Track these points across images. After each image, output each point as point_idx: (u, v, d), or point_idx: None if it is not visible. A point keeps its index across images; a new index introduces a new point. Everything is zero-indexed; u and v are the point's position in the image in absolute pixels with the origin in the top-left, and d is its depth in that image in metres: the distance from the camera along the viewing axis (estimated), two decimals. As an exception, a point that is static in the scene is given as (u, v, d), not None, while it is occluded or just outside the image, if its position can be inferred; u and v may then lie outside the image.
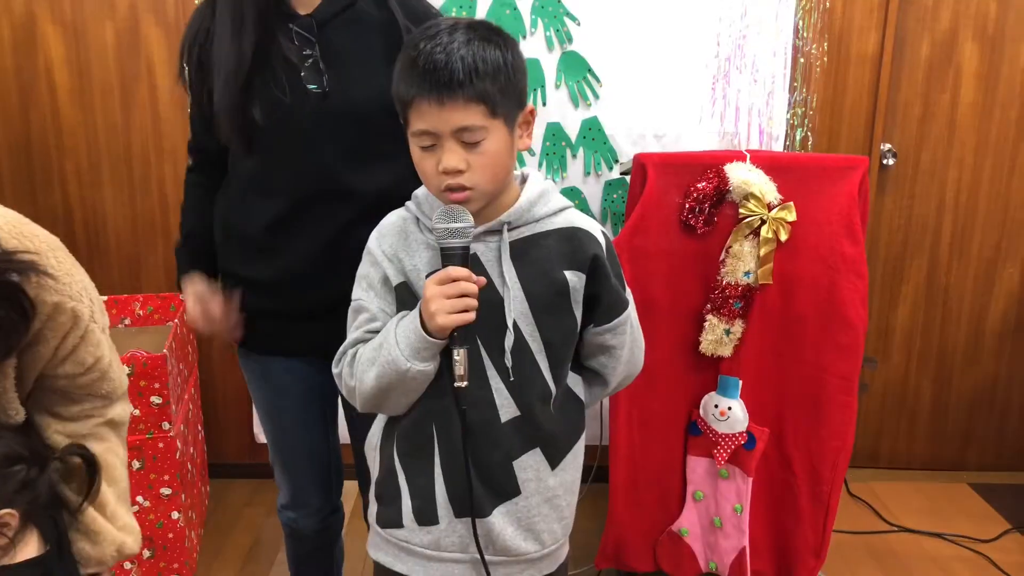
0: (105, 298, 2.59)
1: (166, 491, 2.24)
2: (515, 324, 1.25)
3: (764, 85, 2.60)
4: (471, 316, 1.18)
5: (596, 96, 2.60)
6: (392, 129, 1.49)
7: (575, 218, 1.31)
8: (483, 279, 1.21)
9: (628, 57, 2.58)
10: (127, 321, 2.63)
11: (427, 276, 1.24)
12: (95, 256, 2.77)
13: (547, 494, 1.32)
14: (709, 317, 2.02)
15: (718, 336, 2.02)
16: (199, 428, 2.66)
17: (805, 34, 2.60)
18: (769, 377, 2.08)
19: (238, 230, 1.58)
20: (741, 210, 1.97)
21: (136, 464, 2.20)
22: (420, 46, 1.18)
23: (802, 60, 2.62)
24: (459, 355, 1.20)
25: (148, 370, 2.16)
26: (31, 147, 2.68)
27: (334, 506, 1.80)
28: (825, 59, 2.63)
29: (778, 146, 2.65)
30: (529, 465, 1.30)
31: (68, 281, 1.19)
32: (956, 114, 2.77)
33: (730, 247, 1.99)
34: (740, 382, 2.06)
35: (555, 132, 2.62)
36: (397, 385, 1.24)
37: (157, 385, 2.18)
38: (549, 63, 2.58)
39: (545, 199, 1.29)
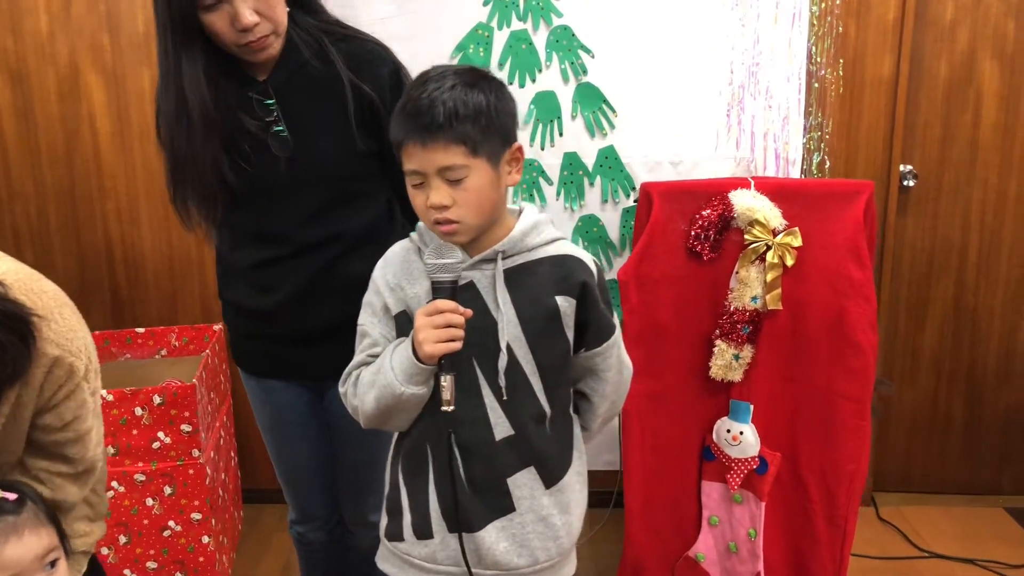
0: (142, 330, 2.72)
1: (196, 516, 2.33)
2: (508, 347, 1.31)
3: (779, 111, 2.62)
4: (457, 345, 1.26)
5: (612, 125, 2.65)
6: (364, 171, 1.57)
7: (566, 248, 1.38)
8: (469, 311, 1.28)
9: (643, 87, 2.62)
10: (164, 352, 2.75)
11: None
12: (135, 290, 2.89)
13: (541, 512, 1.37)
14: (718, 342, 2.05)
15: (727, 361, 2.04)
16: (232, 455, 2.75)
17: (819, 59, 2.62)
18: (781, 401, 2.09)
19: (232, 267, 1.69)
20: (746, 236, 2.00)
21: (168, 490, 2.30)
22: (411, 93, 1.28)
23: (816, 85, 2.64)
24: (446, 381, 1.27)
25: (178, 399, 2.26)
26: (75, 190, 2.83)
27: (339, 518, 1.87)
28: (840, 83, 2.64)
29: (795, 171, 2.66)
30: (524, 483, 1.35)
31: (71, 337, 1.27)
32: (978, 134, 2.75)
33: (737, 273, 2.02)
34: (751, 407, 2.08)
35: (572, 161, 2.67)
36: (394, 406, 1.32)
37: (187, 413, 2.27)
38: (565, 95, 2.64)
39: (538, 230, 1.36)
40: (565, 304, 1.33)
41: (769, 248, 1.98)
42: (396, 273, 1.38)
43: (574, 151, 2.67)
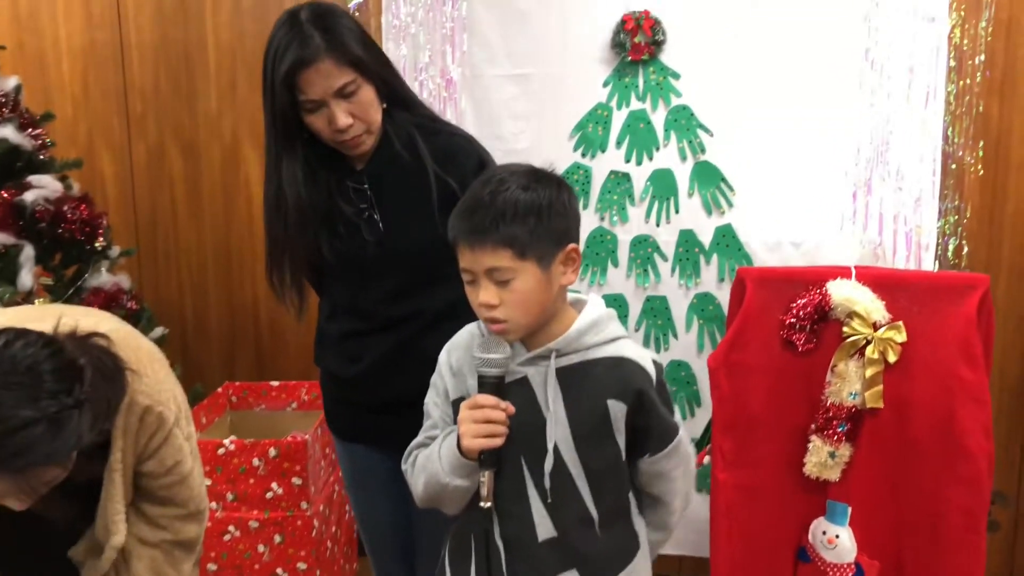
0: (276, 383, 2.93)
1: (302, 566, 2.46)
2: (556, 448, 1.31)
3: (910, 193, 2.49)
4: (496, 442, 1.28)
5: (730, 204, 2.61)
6: (447, 255, 1.65)
7: (625, 349, 1.35)
8: (511, 408, 1.29)
9: (763, 166, 2.56)
10: (294, 405, 2.94)
11: None
12: (275, 346, 3.13)
13: None
14: (813, 438, 1.96)
15: (822, 459, 1.94)
16: (347, 509, 2.87)
17: (956, 139, 2.47)
18: (883, 506, 1.96)
19: (326, 336, 1.83)
20: (845, 329, 1.91)
21: (277, 538, 2.45)
22: (468, 194, 1.33)
23: (954, 166, 2.48)
24: (484, 477, 1.29)
25: (291, 452, 2.41)
26: (231, 251, 3.12)
27: None
28: (980, 166, 2.47)
29: (929, 255, 2.50)
30: None
31: (160, 389, 1.42)
32: None
33: (835, 366, 1.93)
34: (848, 509, 1.96)
35: (688, 239, 2.65)
36: (440, 494, 1.36)
37: (298, 467, 2.42)
38: (682, 173, 2.63)
39: (597, 328, 1.34)
40: (617, 408, 1.31)
41: (869, 342, 1.88)
42: (460, 358, 1.41)
43: (690, 228, 2.65)
